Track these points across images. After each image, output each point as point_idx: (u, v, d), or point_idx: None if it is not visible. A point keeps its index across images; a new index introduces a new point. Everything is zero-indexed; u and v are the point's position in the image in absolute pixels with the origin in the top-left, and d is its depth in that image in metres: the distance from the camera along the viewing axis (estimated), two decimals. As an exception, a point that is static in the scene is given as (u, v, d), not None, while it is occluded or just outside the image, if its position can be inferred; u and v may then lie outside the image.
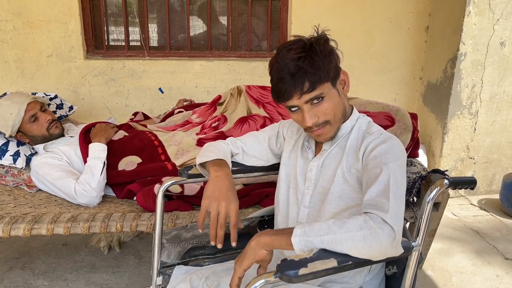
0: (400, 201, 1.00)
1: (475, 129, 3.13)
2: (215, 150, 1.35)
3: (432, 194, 1.12)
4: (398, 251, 0.97)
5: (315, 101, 1.11)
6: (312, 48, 1.09)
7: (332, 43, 1.14)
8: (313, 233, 0.94)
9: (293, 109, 1.15)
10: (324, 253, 0.91)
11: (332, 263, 0.90)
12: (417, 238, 1.12)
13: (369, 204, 0.99)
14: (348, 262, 0.92)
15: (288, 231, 0.97)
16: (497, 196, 3.15)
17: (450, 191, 3.21)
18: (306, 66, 1.07)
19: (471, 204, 3.16)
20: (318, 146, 1.26)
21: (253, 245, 1.01)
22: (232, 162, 1.40)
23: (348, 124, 1.21)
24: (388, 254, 0.95)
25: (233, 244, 1.15)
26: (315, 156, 1.25)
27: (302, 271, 0.86)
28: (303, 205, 1.23)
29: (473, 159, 3.20)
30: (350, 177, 1.14)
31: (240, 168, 1.43)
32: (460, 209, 3.08)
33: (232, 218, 1.15)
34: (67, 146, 2.06)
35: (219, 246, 1.16)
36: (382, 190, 1.00)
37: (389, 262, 1.23)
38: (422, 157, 3.23)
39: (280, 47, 1.13)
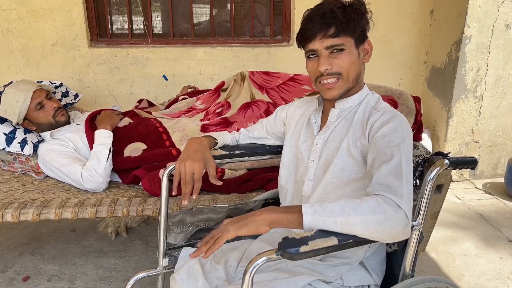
0: (411, 186, 1.01)
1: (480, 113, 3.12)
2: (211, 133, 1.46)
3: (432, 174, 1.13)
4: (407, 236, 0.98)
5: (334, 51, 1.14)
6: (349, 4, 1.15)
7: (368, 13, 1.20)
8: (326, 214, 0.93)
9: (311, 55, 1.18)
10: (325, 232, 0.92)
11: (333, 241, 0.91)
12: (418, 218, 1.13)
13: (379, 183, 0.98)
14: (348, 240, 0.93)
15: (297, 210, 0.96)
16: (502, 180, 3.15)
17: (455, 175, 3.22)
18: (339, 12, 1.12)
19: (475, 187, 3.17)
20: (324, 120, 1.27)
21: (259, 220, 0.99)
22: (237, 145, 1.50)
23: (356, 98, 1.22)
24: (398, 238, 0.97)
25: (193, 196, 1.23)
26: (320, 130, 1.26)
27: (303, 248, 0.87)
28: (308, 178, 1.25)
29: (478, 143, 3.20)
30: (354, 151, 1.15)
31: (244, 152, 1.46)
32: (465, 192, 3.08)
33: (196, 174, 1.23)
34: (73, 133, 2.09)
35: (185, 202, 1.22)
36: (393, 172, 0.99)
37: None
38: (427, 142, 3.23)
39: None
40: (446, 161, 1.14)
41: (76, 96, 2.55)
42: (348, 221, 0.92)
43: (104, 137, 1.98)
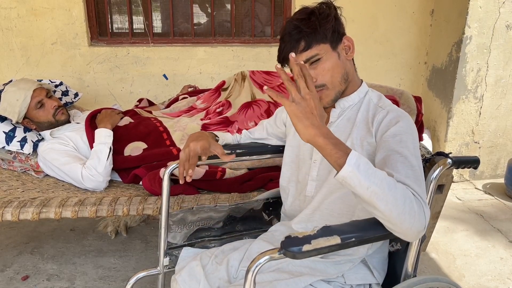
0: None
1: (480, 113, 3.12)
2: (212, 131, 1.46)
3: (435, 173, 1.12)
4: (414, 240, 0.96)
5: (312, 62, 1.14)
6: (312, 11, 1.15)
7: (336, 11, 1.18)
8: (366, 174, 0.88)
9: None
10: (328, 231, 0.92)
11: (336, 240, 0.90)
12: (420, 217, 1.13)
13: (403, 183, 0.94)
14: (351, 239, 0.92)
15: (345, 151, 0.90)
16: (502, 180, 3.15)
17: (455, 176, 3.22)
18: (303, 25, 1.12)
19: (475, 188, 3.16)
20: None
21: (316, 132, 0.91)
22: (239, 144, 1.51)
23: (355, 96, 1.21)
24: (406, 237, 0.93)
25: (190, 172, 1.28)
26: None
27: (305, 247, 0.86)
28: (311, 178, 1.24)
29: (478, 143, 3.20)
30: (359, 150, 1.13)
31: (246, 151, 1.45)
32: (465, 193, 3.08)
33: (200, 148, 1.27)
34: (73, 132, 2.08)
35: (181, 181, 1.28)
36: (412, 176, 0.96)
37: (392, 239, 1.24)
38: (427, 142, 3.23)
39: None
40: (449, 160, 1.14)
41: (76, 95, 2.54)
42: (379, 195, 0.87)
43: (104, 136, 1.97)
